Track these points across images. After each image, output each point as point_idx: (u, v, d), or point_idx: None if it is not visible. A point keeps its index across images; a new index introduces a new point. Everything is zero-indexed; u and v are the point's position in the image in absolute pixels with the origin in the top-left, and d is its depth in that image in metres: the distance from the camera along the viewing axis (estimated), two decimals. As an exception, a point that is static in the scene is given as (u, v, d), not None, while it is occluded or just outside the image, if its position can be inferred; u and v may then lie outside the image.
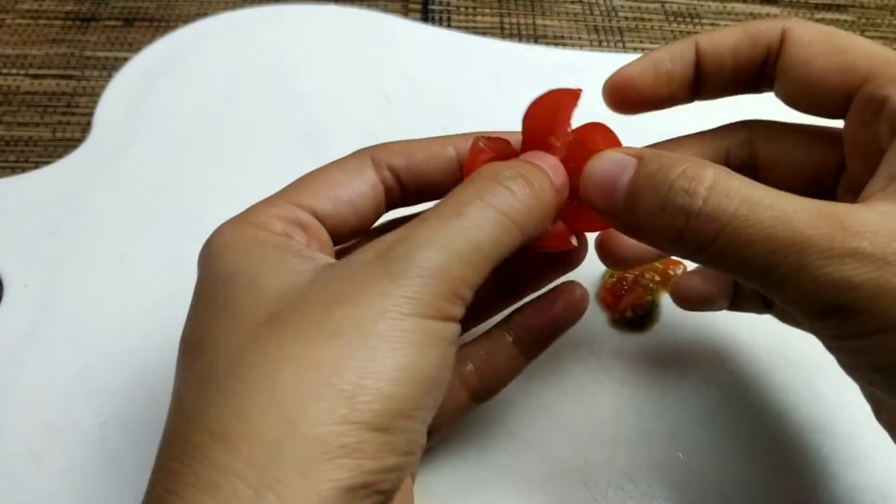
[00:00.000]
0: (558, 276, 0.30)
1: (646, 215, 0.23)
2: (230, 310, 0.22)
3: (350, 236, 0.27)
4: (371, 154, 0.28)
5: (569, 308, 0.29)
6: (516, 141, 0.27)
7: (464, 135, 0.28)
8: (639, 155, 0.23)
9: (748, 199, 0.21)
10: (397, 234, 0.22)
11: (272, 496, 0.18)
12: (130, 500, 0.20)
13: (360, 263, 0.22)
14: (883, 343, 0.20)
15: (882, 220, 0.21)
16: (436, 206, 0.23)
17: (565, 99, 0.27)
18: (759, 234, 0.21)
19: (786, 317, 0.32)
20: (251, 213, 0.25)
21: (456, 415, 0.29)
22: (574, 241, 0.27)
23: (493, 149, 0.27)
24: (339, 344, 0.20)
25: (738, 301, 0.32)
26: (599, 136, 0.26)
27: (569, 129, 0.27)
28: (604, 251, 0.30)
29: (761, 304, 0.32)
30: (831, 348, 0.23)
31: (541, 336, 0.29)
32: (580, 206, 0.26)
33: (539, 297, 0.29)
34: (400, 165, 0.27)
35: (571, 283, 0.29)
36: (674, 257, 0.37)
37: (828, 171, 0.27)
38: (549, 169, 0.25)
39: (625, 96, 0.28)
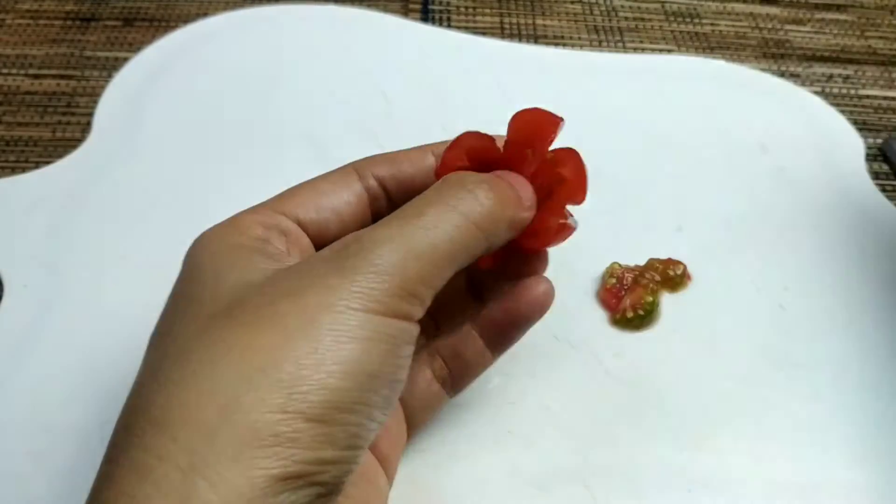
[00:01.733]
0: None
1: None
2: (189, 304, 0.22)
3: None
4: (354, 167, 0.28)
5: (532, 305, 0.29)
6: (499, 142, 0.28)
7: (443, 142, 0.29)
8: None
9: None
10: (356, 234, 0.23)
11: (201, 480, 0.18)
12: (130, 500, 0.21)
13: (316, 259, 0.22)
14: None
15: None
16: (399, 209, 0.24)
17: (550, 124, 0.27)
18: None
19: None
20: (234, 219, 0.26)
21: (432, 406, 0.30)
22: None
23: (470, 151, 0.27)
24: (280, 333, 0.20)
25: None
26: (570, 161, 0.27)
27: (547, 152, 0.28)
28: None
29: None
30: None
31: (506, 332, 0.29)
32: (535, 222, 0.27)
33: (505, 292, 0.29)
34: (385, 174, 0.28)
35: (536, 280, 0.29)
36: (673, 257, 0.37)
37: None
38: (516, 185, 0.26)
39: None
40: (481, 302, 0.30)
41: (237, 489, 0.18)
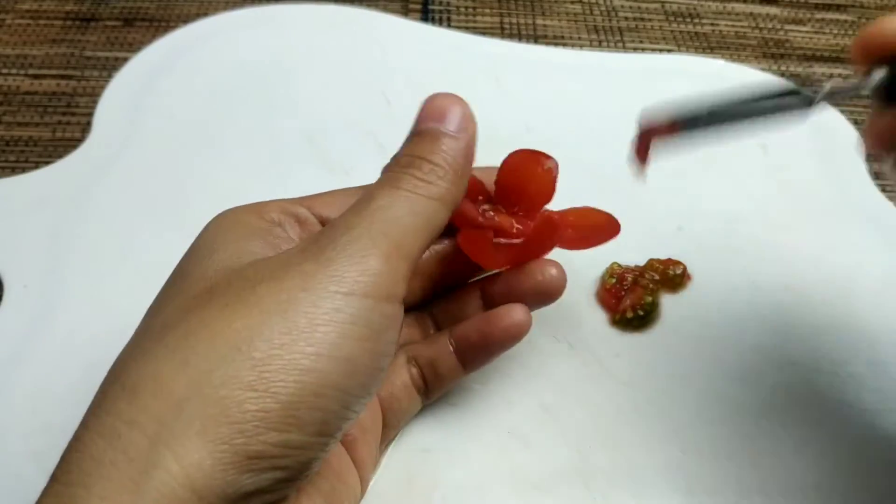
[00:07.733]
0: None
1: None
2: (179, 281, 0.23)
3: None
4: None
5: (506, 333, 0.29)
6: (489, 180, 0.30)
7: (485, 167, 0.29)
8: None
9: None
10: (326, 225, 0.24)
11: (166, 450, 0.19)
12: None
13: (293, 249, 0.23)
14: None
15: None
16: (355, 201, 0.24)
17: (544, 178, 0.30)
18: None
19: None
20: (258, 203, 0.26)
21: (407, 410, 0.30)
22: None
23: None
24: (256, 314, 0.20)
25: None
26: (557, 225, 0.29)
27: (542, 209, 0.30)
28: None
29: None
30: None
31: (478, 354, 0.30)
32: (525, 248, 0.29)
33: (485, 313, 0.29)
34: None
35: (514, 308, 0.29)
36: (673, 257, 0.37)
37: None
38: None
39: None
40: (486, 304, 0.30)
41: (199, 462, 0.19)
